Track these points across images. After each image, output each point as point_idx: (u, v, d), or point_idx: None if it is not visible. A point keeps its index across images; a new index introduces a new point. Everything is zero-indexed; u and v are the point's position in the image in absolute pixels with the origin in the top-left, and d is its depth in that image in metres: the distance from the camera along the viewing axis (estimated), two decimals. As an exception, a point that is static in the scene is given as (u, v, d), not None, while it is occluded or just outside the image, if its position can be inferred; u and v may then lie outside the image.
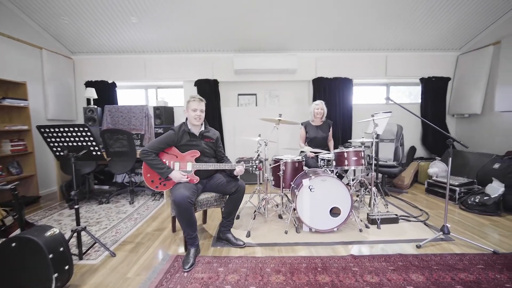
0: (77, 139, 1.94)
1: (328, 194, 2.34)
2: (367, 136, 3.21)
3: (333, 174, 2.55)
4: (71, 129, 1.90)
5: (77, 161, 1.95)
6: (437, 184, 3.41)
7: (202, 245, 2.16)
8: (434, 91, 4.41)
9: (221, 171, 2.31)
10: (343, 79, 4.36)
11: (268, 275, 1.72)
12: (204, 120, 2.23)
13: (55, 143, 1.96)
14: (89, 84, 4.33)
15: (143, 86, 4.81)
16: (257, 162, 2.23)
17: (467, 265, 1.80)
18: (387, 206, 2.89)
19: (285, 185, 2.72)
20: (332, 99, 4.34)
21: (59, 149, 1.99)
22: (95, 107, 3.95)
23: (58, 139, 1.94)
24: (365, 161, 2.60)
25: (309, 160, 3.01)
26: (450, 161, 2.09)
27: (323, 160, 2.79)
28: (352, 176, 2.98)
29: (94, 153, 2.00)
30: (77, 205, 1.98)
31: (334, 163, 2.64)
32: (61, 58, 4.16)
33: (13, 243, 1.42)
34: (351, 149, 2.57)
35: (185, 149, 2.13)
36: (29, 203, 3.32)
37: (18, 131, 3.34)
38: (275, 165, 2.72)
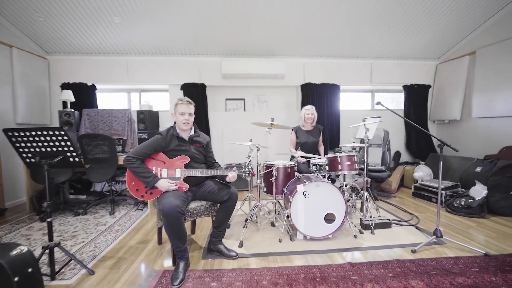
0: (52, 144, 1.74)
1: (322, 200, 2.28)
2: (355, 141, 3.24)
3: (326, 179, 2.51)
4: (44, 133, 1.70)
5: (50, 168, 1.75)
6: (424, 187, 3.49)
7: (191, 258, 2.01)
8: (416, 98, 4.58)
9: (211, 178, 2.18)
10: (331, 85, 4.42)
11: (265, 288, 1.61)
12: (193, 124, 2.11)
13: (25, 149, 1.75)
14: (65, 86, 4.04)
15: (126, 90, 4.58)
16: (250, 167, 2.14)
17: (462, 268, 1.80)
18: (378, 210, 2.89)
19: (277, 191, 2.64)
20: (320, 104, 4.36)
21: (29, 155, 1.77)
22: (72, 110, 3.68)
23: (29, 144, 1.73)
24: (358, 166, 2.59)
25: (300, 166, 2.95)
26: (441, 165, 2.13)
27: (315, 165, 2.75)
28: (342, 181, 2.96)
29: (71, 159, 1.80)
30: (49, 217, 1.76)
31: (327, 168, 2.61)
32: (35, 58, 3.85)
33: (-31, 266, 1.21)
34: (344, 154, 2.55)
35: (173, 155, 1.99)
36: (-8, 216, 2.98)
37: (-19, 136, 3.01)
38: (267, 170, 2.63)
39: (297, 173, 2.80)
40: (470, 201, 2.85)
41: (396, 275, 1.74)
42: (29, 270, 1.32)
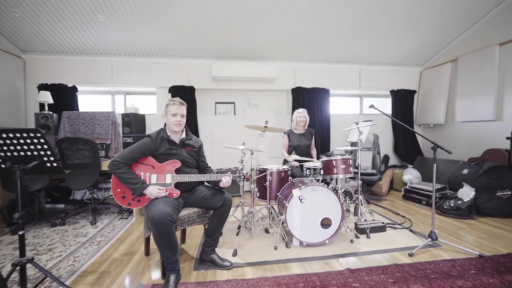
0: (26, 147, 1.56)
1: (318, 205, 2.23)
2: (348, 145, 3.25)
3: (321, 183, 2.47)
4: (18, 135, 1.53)
5: (24, 175, 1.57)
6: (413, 190, 3.54)
7: (182, 269, 1.87)
8: (403, 103, 4.71)
9: (203, 183, 2.07)
10: (321, 89, 4.44)
11: (264, 300, 1.51)
12: (185, 126, 2.00)
13: (-6, 153, 1.56)
14: (43, 88, 3.78)
15: (110, 92, 4.37)
16: (244, 172, 2.05)
17: (460, 271, 1.79)
18: (372, 214, 2.88)
19: (271, 197, 2.56)
20: (310, 108, 4.35)
21: None
22: (50, 113, 3.43)
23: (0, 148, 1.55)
24: (352, 169, 2.57)
25: (294, 170, 2.90)
26: (435, 167, 2.14)
27: (309, 169, 2.71)
28: (336, 185, 2.94)
29: (49, 164, 1.63)
30: (22, 230, 1.57)
31: (322, 171, 2.57)
32: (8, 56, 3.58)
33: None
34: (340, 157, 2.52)
35: (163, 159, 1.87)
36: (-45, 230, 2.67)
37: None
38: (261, 175, 2.55)
39: (290, 177, 2.73)
40: (459, 202, 2.91)
41: (397, 280, 1.69)
42: (-4, 292, 1.14)
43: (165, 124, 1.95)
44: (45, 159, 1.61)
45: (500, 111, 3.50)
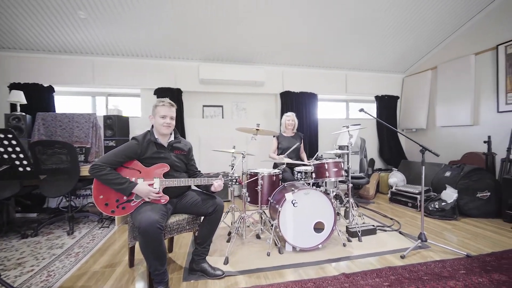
0: (-6, 150, 1.40)
1: (311, 209, 2.20)
2: (335, 149, 3.28)
3: (312, 186, 2.45)
4: (-16, 137, 1.37)
5: (-8, 181, 1.40)
6: (399, 193, 3.62)
7: (171, 281, 1.75)
8: (387, 108, 4.86)
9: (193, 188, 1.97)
10: (309, 93, 4.48)
11: (260, 311, 1.43)
12: (174, 129, 1.91)
13: (-44, 157, 1.39)
14: (15, 87, 3.50)
15: (90, 93, 4.14)
16: (236, 175, 1.98)
17: (451, 271, 1.82)
18: (362, 217, 2.90)
19: (262, 201, 2.50)
20: (299, 112, 4.36)
21: (-38, 164, 1.41)
22: (23, 114, 3.17)
23: (-38, 151, 1.38)
24: (343, 173, 2.57)
25: (285, 173, 2.86)
26: (423, 169, 2.19)
27: (300, 172, 2.68)
28: (327, 188, 2.94)
29: (21, 169, 1.47)
30: (-13, 243, 1.39)
31: (314, 175, 2.55)
32: (-24, 52, 3.29)
33: None
34: (331, 160, 2.52)
35: (150, 163, 1.75)
36: None
37: None
38: (253, 179, 2.49)
39: (281, 181, 2.69)
40: (443, 204, 3.00)
41: (392, 283, 1.68)
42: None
43: (152, 126, 1.85)
44: (17, 162, 1.46)
45: (477, 116, 3.70)
